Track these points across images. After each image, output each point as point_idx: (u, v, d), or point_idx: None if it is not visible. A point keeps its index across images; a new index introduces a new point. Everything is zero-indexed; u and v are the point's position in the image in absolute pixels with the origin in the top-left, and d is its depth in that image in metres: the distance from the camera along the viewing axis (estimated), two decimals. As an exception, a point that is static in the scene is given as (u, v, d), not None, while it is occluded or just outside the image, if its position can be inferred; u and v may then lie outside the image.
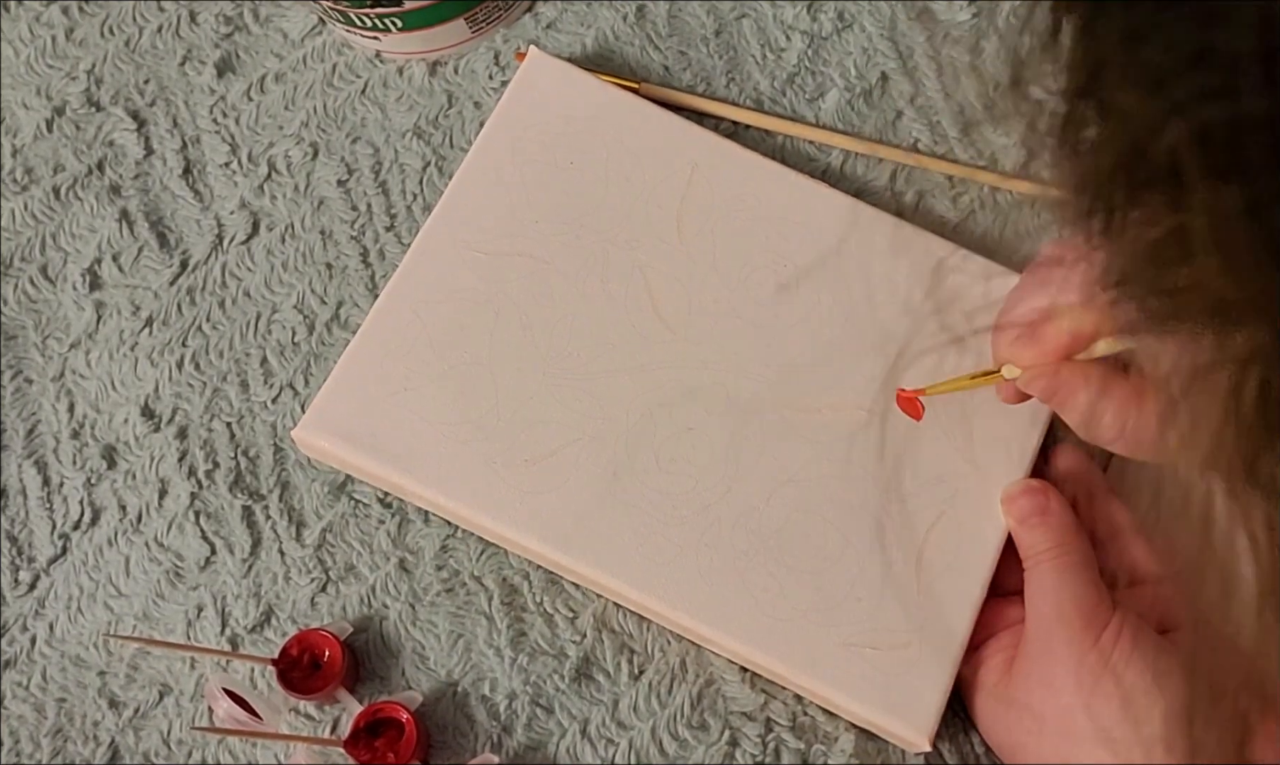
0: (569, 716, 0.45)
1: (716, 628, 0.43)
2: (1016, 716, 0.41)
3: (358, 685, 0.45)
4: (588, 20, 0.54)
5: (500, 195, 0.48)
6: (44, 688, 0.46)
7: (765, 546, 0.44)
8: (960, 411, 0.46)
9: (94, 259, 0.51)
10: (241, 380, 0.50)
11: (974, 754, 0.44)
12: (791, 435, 0.45)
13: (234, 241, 0.51)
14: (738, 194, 0.49)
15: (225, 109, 0.54)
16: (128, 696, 0.46)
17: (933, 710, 0.42)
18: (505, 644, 0.46)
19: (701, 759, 0.44)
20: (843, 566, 0.44)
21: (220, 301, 0.51)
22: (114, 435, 0.49)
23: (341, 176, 0.52)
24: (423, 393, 0.45)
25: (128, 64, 0.54)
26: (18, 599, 0.47)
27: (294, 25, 0.55)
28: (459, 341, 0.46)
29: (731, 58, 0.54)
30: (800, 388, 0.46)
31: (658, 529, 0.44)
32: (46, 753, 0.45)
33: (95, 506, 0.48)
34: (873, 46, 0.53)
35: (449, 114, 0.53)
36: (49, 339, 0.50)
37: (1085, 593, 0.40)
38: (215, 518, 0.48)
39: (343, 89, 0.54)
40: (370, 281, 0.51)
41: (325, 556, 0.47)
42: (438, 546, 0.47)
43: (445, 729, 0.45)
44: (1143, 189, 0.21)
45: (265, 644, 0.46)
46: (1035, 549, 0.42)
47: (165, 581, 0.47)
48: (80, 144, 0.53)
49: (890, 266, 0.47)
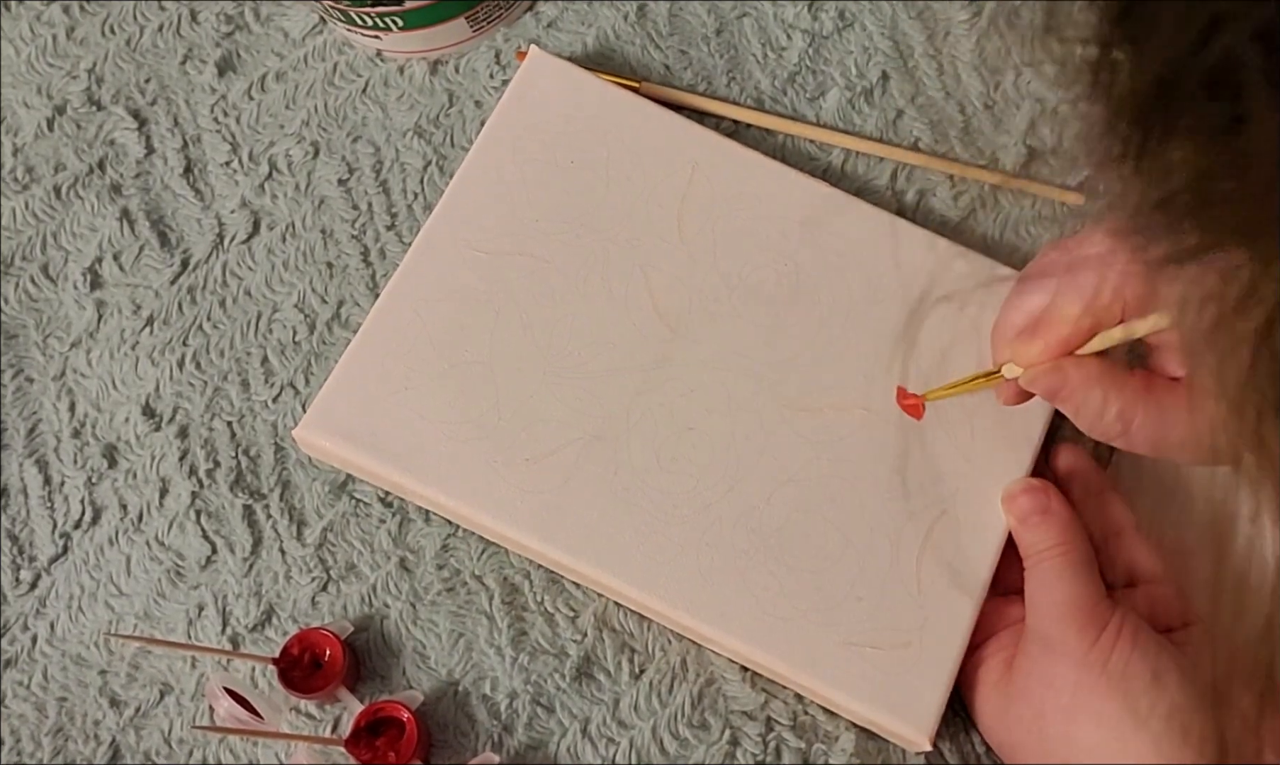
0: (570, 716, 0.45)
1: (717, 627, 0.43)
2: (1017, 715, 0.41)
3: (358, 684, 0.45)
4: (589, 19, 0.54)
5: (501, 194, 0.48)
6: (45, 687, 0.46)
7: (766, 546, 0.44)
8: (961, 410, 0.46)
9: (95, 258, 0.51)
10: (242, 379, 0.50)
11: (974, 753, 0.44)
12: (792, 435, 0.45)
13: (235, 240, 0.51)
14: (739, 193, 0.48)
15: (226, 108, 0.54)
16: (129, 695, 0.46)
17: (933, 709, 0.42)
18: (506, 643, 0.46)
19: (702, 758, 0.44)
20: (843, 566, 0.44)
21: (221, 300, 0.51)
22: (115, 434, 0.49)
23: (342, 175, 0.52)
24: (423, 392, 0.45)
25: (129, 63, 0.54)
26: (19, 598, 0.47)
27: (295, 24, 0.55)
28: (460, 340, 0.46)
29: (732, 57, 0.54)
30: (801, 387, 0.46)
31: (658, 528, 0.44)
32: (47, 752, 0.45)
33: (96, 505, 0.48)
34: (873, 45, 0.53)
35: (450, 113, 0.53)
36: (50, 338, 0.50)
37: (1086, 592, 0.40)
38: (216, 517, 0.48)
39: (344, 88, 0.54)
40: (371, 280, 0.51)
41: (326, 555, 0.47)
42: (439, 546, 0.47)
43: (446, 728, 0.45)
44: (1187, 104, 0.20)
45: (266, 643, 0.46)
46: (1036, 548, 0.42)
47: (166, 580, 0.47)
48: (81, 143, 0.53)
49: (891, 265, 0.47)
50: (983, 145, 0.51)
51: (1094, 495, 0.45)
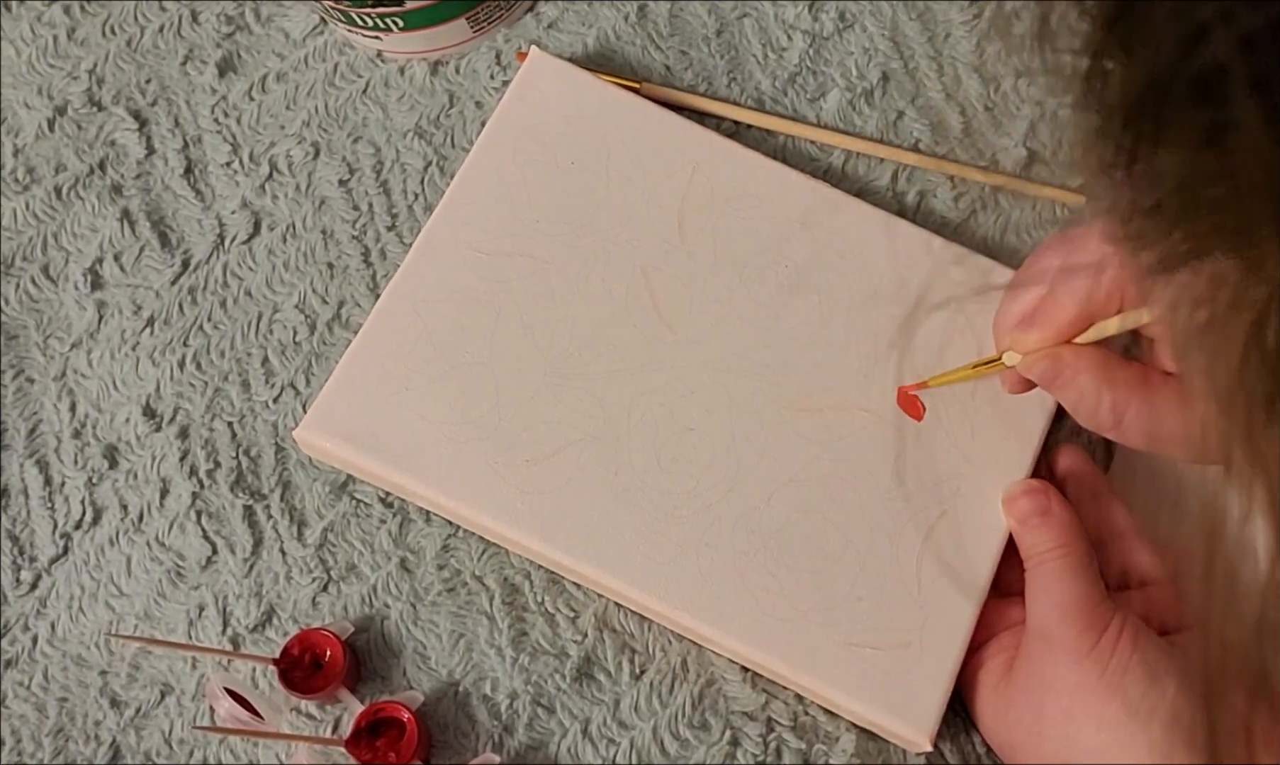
0: (570, 716, 0.45)
1: (717, 627, 0.43)
2: (1017, 718, 0.41)
3: (359, 685, 0.45)
4: (589, 20, 0.54)
5: (502, 195, 0.48)
6: (45, 687, 0.46)
7: (766, 546, 0.44)
8: (962, 410, 0.46)
9: (95, 258, 0.51)
10: (243, 380, 0.50)
11: (975, 754, 0.44)
12: (792, 435, 0.45)
13: (235, 241, 0.52)
14: (739, 194, 0.49)
15: (227, 108, 0.54)
16: (129, 696, 0.46)
17: (934, 710, 0.42)
18: (507, 643, 0.46)
19: (703, 759, 0.44)
20: (843, 566, 0.44)
21: (222, 301, 0.51)
22: (115, 435, 0.49)
23: (343, 176, 0.52)
24: (424, 393, 0.45)
25: (129, 64, 0.54)
26: (19, 598, 0.47)
27: (295, 25, 0.55)
28: (460, 341, 0.46)
29: (733, 57, 0.54)
30: (801, 388, 0.46)
31: (658, 529, 0.44)
32: (48, 752, 0.45)
33: (97, 506, 0.48)
34: (874, 46, 0.53)
35: (450, 114, 0.53)
36: (50, 338, 0.50)
37: (1086, 594, 0.40)
38: (217, 517, 0.48)
39: (344, 89, 0.54)
40: (371, 281, 0.51)
41: (327, 556, 0.47)
42: (439, 546, 0.47)
43: (446, 729, 0.45)
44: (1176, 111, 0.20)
45: (266, 643, 0.46)
46: (1036, 550, 0.42)
47: (167, 581, 0.47)
48: (82, 144, 0.53)
49: (891, 265, 0.47)
50: (983, 147, 0.51)
51: (1094, 497, 0.45)
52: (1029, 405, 0.45)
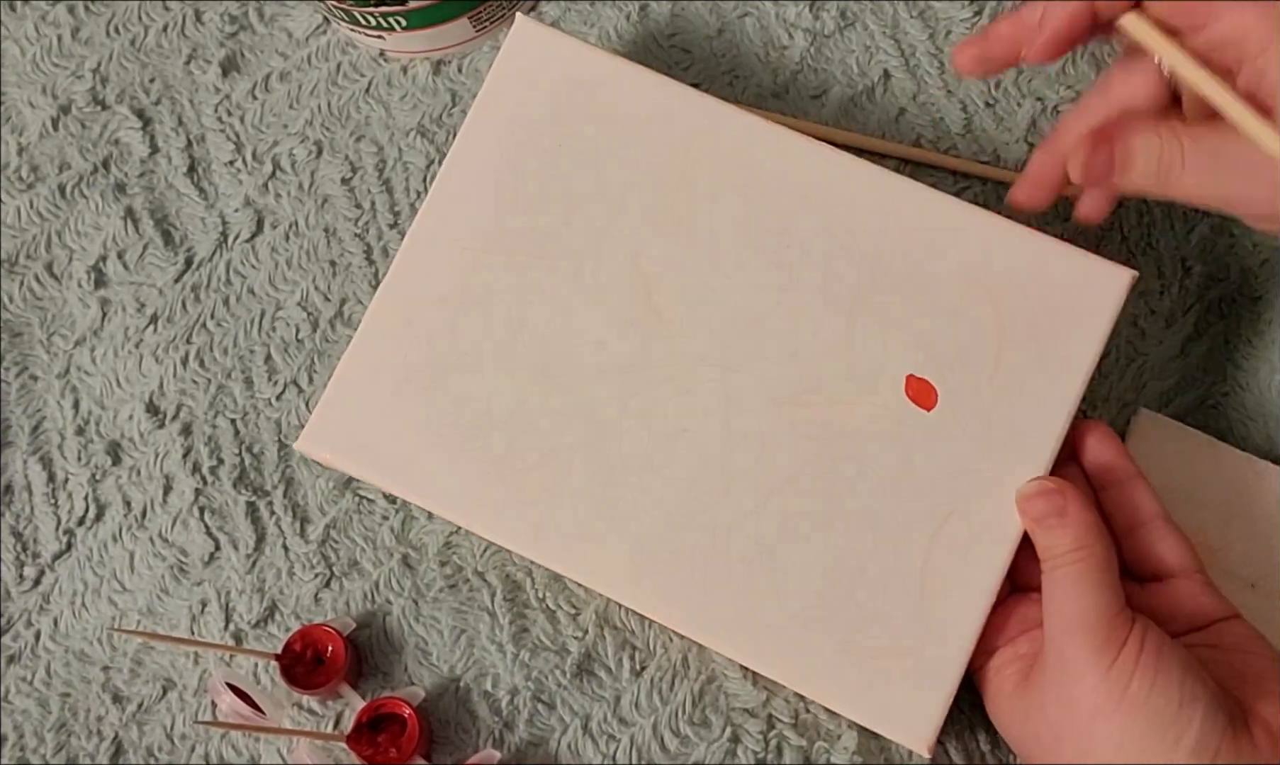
0: (571, 712, 0.45)
1: (714, 636, 0.42)
2: (1034, 734, 0.39)
3: (360, 681, 0.46)
4: (590, 19, 0.55)
5: (487, 186, 0.46)
6: (48, 683, 0.46)
7: (763, 549, 0.42)
8: (976, 400, 0.43)
9: (99, 256, 0.52)
10: (246, 377, 0.50)
11: (979, 753, 0.44)
12: (792, 433, 0.43)
13: (238, 239, 0.52)
14: (739, 164, 0.46)
15: (230, 107, 0.54)
16: (131, 691, 0.46)
17: (933, 720, 0.41)
18: (508, 640, 0.46)
19: (703, 756, 0.44)
20: (843, 570, 0.42)
21: (225, 299, 0.51)
22: (119, 431, 0.49)
23: (345, 175, 0.53)
24: (416, 402, 0.44)
25: (133, 63, 0.55)
26: (23, 594, 0.47)
27: (298, 24, 0.55)
28: (451, 347, 0.45)
29: (734, 56, 0.54)
30: (802, 381, 0.44)
31: (653, 536, 0.43)
32: (50, 747, 0.45)
33: (100, 502, 0.48)
34: (875, 44, 0.53)
35: (452, 112, 0.53)
36: (54, 336, 0.51)
37: (1104, 602, 0.38)
38: (219, 514, 0.48)
39: (347, 88, 0.54)
40: (374, 279, 0.51)
41: (329, 552, 0.47)
42: (441, 543, 0.47)
43: (448, 725, 0.45)
44: None
45: (269, 639, 0.46)
46: (1052, 552, 0.40)
47: (169, 577, 0.47)
48: (85, 142, 0.53)
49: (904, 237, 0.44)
50: (984, 143, 0.51)
51: (1120, 483, 0.42)
52: (1049, 396, 0.42)
